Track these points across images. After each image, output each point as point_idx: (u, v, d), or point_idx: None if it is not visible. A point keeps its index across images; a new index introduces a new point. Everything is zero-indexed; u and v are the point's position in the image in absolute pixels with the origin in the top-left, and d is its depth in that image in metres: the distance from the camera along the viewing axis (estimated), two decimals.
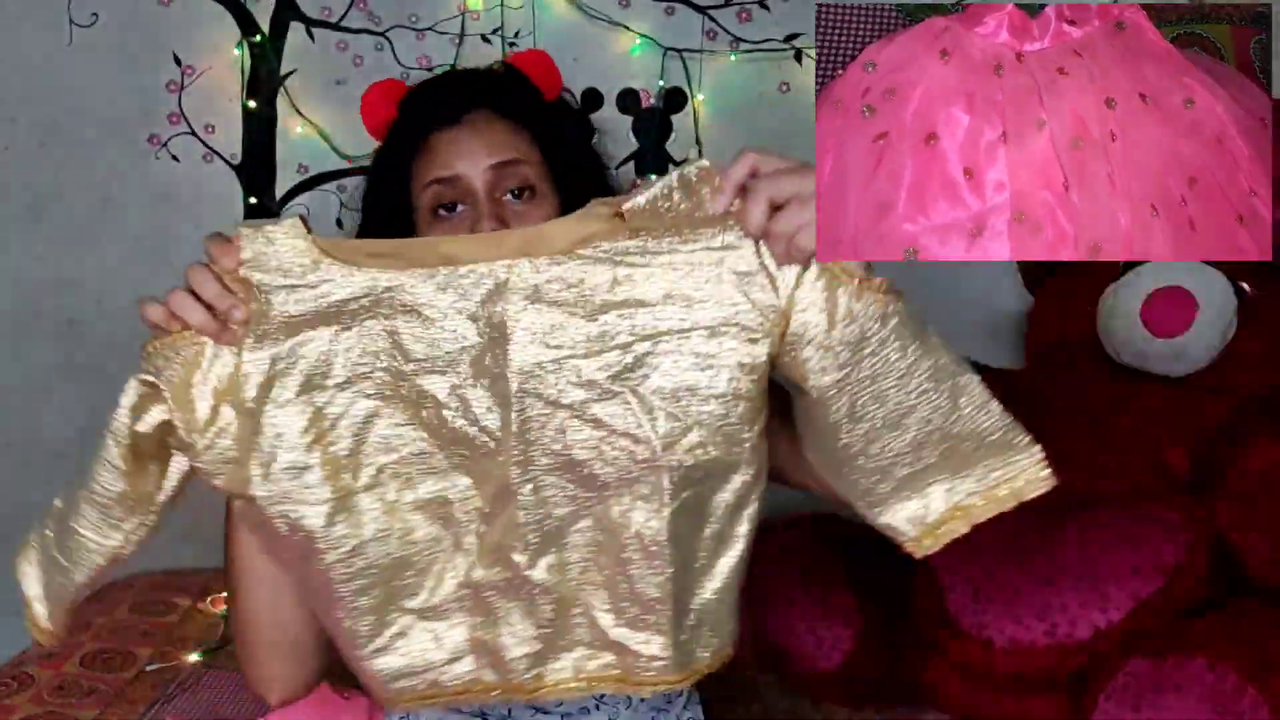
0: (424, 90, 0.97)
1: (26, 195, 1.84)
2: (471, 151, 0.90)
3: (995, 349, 1.88)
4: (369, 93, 0.99)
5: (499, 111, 0.92)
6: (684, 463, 0.71)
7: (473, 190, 0.89)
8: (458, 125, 0.91)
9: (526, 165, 0.90)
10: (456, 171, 0.89)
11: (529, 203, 0.90)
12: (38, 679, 1.41)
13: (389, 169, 0.96)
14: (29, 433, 1.89)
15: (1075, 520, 1.37)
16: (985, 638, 1.30)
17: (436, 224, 0.91)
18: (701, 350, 0.71)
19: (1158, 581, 1.26)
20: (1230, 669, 1.13)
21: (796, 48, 1.86)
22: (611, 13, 1.83)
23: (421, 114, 0.94)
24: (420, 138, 0.92)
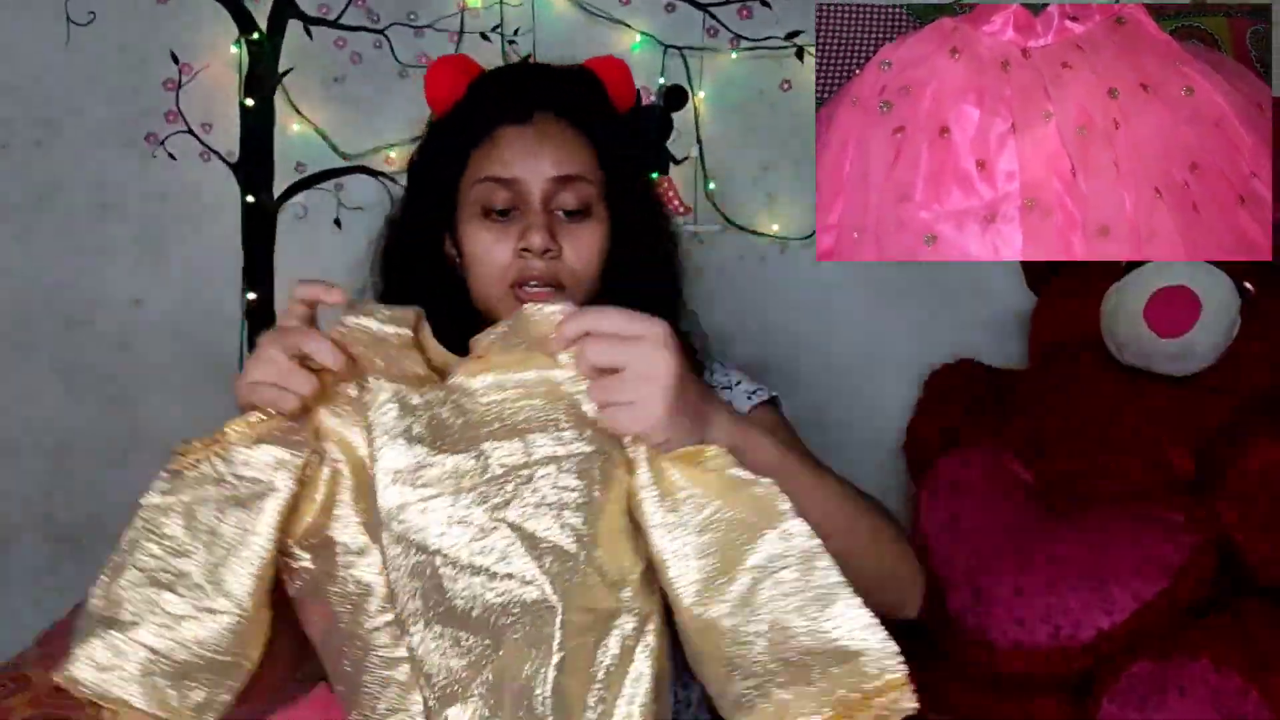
0: (497, 78, 0.93)
1: (23, 194, 1.84)
2: (536, 156, 0.86)
3: (999, 348, 1.87)
4: (439, 64, 0.95)
5: (571, 118, 0.89)
6: (571, 604, 0.63)
7: (528, 198, 0.86)
8: (527, 124, 0.88)
9: (589, 184, 0.87)
10: (516, 174, 0.86)
11: (581, 223, 0.87)
12: (35, 680, 1.40)
13: (445, 151, 0.92)
14: (26, 433, 1.89)
15: (1077, 521, 1.36)
16: (988, 639, 1.30)
17: (482, 225, 0.87)
18: (569, 484, 0.65)
19: (1161, 582, 1.26)
20: (1234, 670, 1.13)
21: (798, 45, 1.85)
22: (611, 10, 1.83)
23: (490, 103, 0.90)
24: (485, 129, 0.88)
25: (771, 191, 1.91)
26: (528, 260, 0.85)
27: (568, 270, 0.87)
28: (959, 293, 1.94)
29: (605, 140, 0.90)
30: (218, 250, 1.86)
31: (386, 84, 1.84)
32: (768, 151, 1.89)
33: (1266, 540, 1.29)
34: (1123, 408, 1.48)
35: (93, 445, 1.90)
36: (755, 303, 1.93)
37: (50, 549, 1.92)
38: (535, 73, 0.94)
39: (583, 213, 0.87)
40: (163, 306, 1.88)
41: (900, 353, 1.93)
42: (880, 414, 1.92)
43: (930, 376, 1.68)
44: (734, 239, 1.90)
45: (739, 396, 0.97)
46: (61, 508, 1.92)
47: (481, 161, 0.88)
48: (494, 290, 0.87)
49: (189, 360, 1.89)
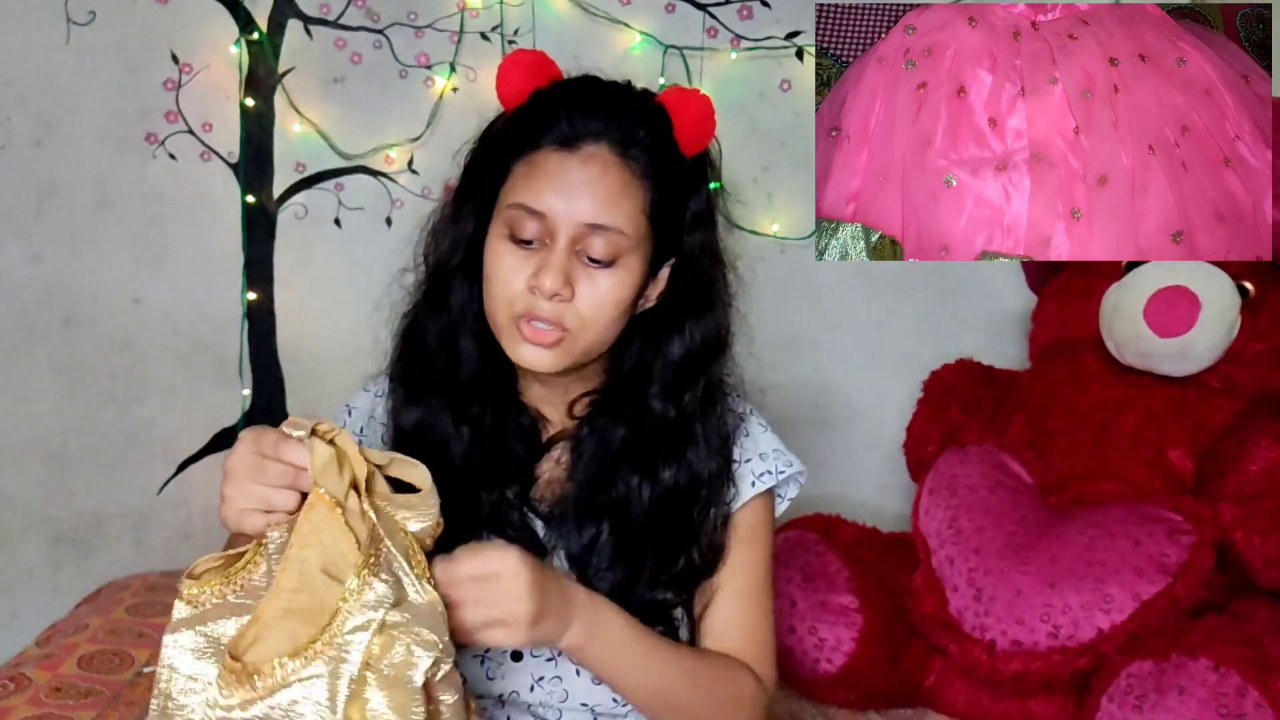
0: (559, 92, 0.87)
1: (23, 194, 1.84)
2: (573, 194, 0.82)
3: (998, 348, 1.88)
4: (512, 60, 0.87)
5: (623, 154, 0.83)
6: None
7: (555, 234, 0.82)
8: (573, 152, 0.83)
9: (622, 236, 0.83)
10: (547, 210, 0.82)
11: (603, 270, 0.83)
12: (35, 680, 1.40)
13: (494, 159, 0.87)
14: (26, 432, 1.89)
15: (1077, 521, 1.36)
16: (988, 639, 1.30)
17: (505, 247, 0.85)
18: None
19: (1160, 582, 1.26)
20: (1233, 670, 1.13)
21: (798, 45, 1.86)
22: (612, 10, 1.83)
23: (541, 119, 0.84)
24: (530, 145, 0.84)
25: (771, 191, 1.91)
26: (536, 298, 0.83)
27: (575, 314, 0.84)
28: (959, 292, 1.94)
29: (656, 186, 0.84)
30: (218, 250, 1.86)
31: (387, 84, 1.83)
32: (768, 151, 1.89)
33: (1267, 541, 1.29)
34: (1122, 408, 1.48)
35: (92, 445, 1.90)
36: (755, 302, 1.92)
37: (50, 549, 1.92)
38: (597, 94, 0.87)
39: (609, 263, 0.83)
40: (162, 306, 1.88)
41: (900, 353, 1.93)
42: (880, 414, 1.92)
43: (930, 376, 1.68)
44: (734, 239, 1.89)
45: (744, 478, 0.94)
46: (61, 507, 1.92)
47: (520, 181, 0.84)
48: (500, 315, 0.86)
49: (189, 360, 1.89)
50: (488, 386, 0.91)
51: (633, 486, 0.89)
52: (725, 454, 0.93)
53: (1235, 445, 1.38)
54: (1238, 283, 1.42)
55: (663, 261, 0.89)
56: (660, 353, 0.90)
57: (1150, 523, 1.32)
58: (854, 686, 1.37)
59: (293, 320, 1.88)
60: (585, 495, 0.90)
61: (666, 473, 0.89)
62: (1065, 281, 1.60)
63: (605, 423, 0.91)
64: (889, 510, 1.92)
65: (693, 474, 0.90)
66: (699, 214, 0.90)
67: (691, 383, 0.90)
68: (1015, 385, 1.65)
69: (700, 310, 0.91)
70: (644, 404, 0.90)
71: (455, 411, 0.90)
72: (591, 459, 0.90)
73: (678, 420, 0.90)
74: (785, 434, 0.98)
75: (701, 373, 0.91)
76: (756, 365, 2.13)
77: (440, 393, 0.91)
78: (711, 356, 0.92)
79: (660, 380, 0.90)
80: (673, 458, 0.89)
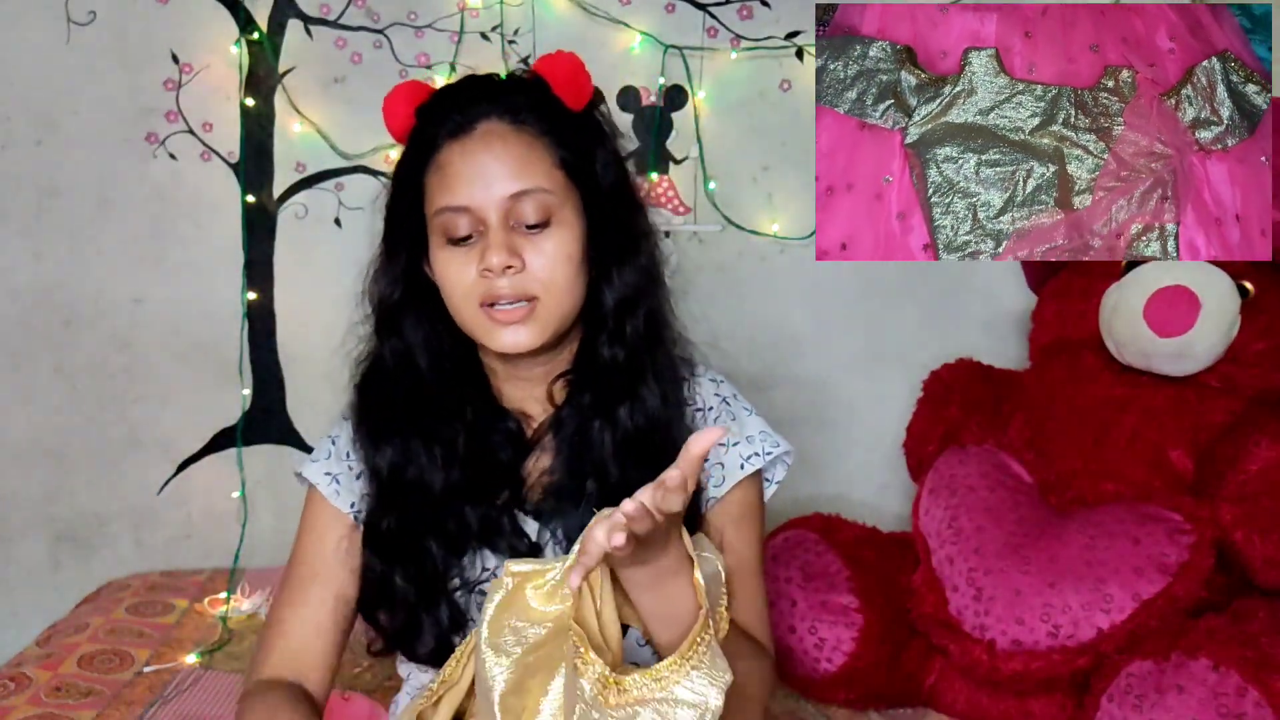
0: (438, 97, 0.91)
1: (24, 194, 1.84)
2: (484, 177, 0.84)
3: (998, 348, 1.88)
4: (390, 96, 0.92)
5: (515, 122, 0.86)
6: None
7: (486, 220, 0.85)
8: (469, 135, 0.85)
9: (546, 193, 0.85)
10: (468, 202, 0.85)
11: (543, 233, 0.85)
12: (35, 680, 1.40)
13: (405, 185, 0.90)
14: (26, 432, 1.89)
15: (1077, 521, 1.36)
16: (988, 639, 1.30)
17: (446, 251, 0.87)
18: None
19: (1160, 582, 1.26)
20: (1233, 669, 1.13)
21: (798, 45, 1.86)
22: (612, 10, 1.83)
23: (433, 123, 0.88)
24: (432, 151, 0.87)
25: (771, 191, 1.91)
26: (491, 280, 0.85)
27: (535, 281, 0.86)
28: (958, 293, 1.94)
29: (557, 138, 0.87)
30: (218, 250, 1.86)
31: (387, 84, 1.79)
32: (768, 151, 1.89)
33: (1266, 540, 1.29)
34: (1122, 408, 1.48)
35: (92, 445, 1.90)
36: (755, 302, 1.93)
37: (50, 549, 1.92)
38: (474, 83, 0.91)
39: (545, 223, 0.85)
40: (163, 306, 1.88)
41: (900, 353, 1.93)
42: (880, 414, 1.92)
43: (930, 376, 1.68)
44: (734, 239, 1.90)
45: (732, 462, 0.95)
46: (62, 507, 1.92)
47: (436, 190, 0.86)
48: (466, 313, 0.87)
49: (189, 359, 1.89)
50: (456, 405, 0.92)
51: (598, 436, 0.90)
52: (676, 388, 0.93)
53: (1235, 445, 1.38)
54: (1238, 282, 1.42)
55: (591, 212, 0.90)
56: (599, 304, 0.91)
57: (1150, 522, 1.32)
58: (854, 686, 1.37)
59: (293, 320, 1.89)
60: (573, 468, 0.91)
61: (623, 411, 0.90)
62: (1065, 281, 1.60)
63: (580, 396, 0.92)
64: (889, 510, 1.92)
65: (649, 414, 0.90)
66: (606, 163, 0.91)
67: (631, 318, 0.91)
68: (1015, 385, 1.65)
69: (624, 256, 0.91)
70: (595, 355, 0.91)
71: (426, 438, 0.91)
72: (575, 432, 0.91)
73: (628, 359, 0.91)
74: (785, 434, 0.98)
75: (638, 307, 0.91)
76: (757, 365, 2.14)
77: (408, 426, 0.91)
78: (645, 292, 0.92)
79: (605, 329, 0.91)
80: (627, 395, 0.90)
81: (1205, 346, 1.41)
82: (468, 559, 0.91)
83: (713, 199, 1.88)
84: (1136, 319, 1.42)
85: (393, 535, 0.90)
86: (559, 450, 0.92)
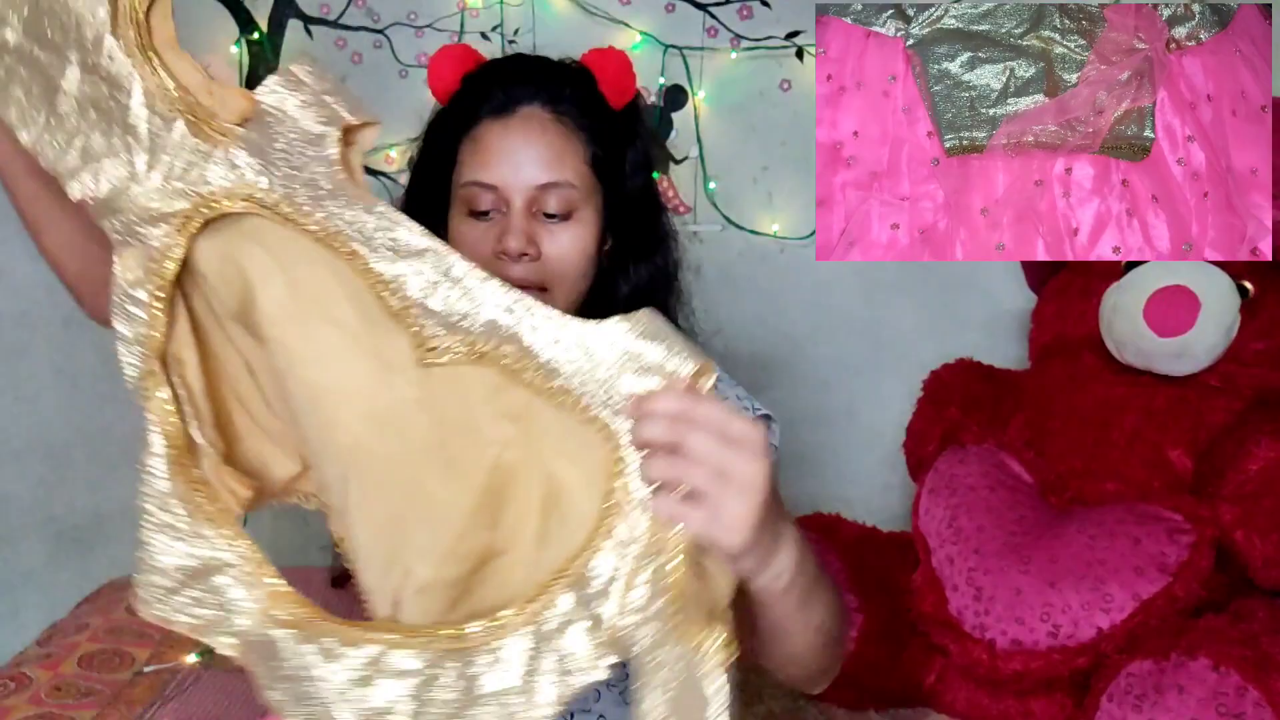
0: (486, 70, 0.91)
1: None
2: (516, 160, 0.85)
3: (998, 348, 1.88)
4: (438, 56, 0.92)
5: (556, 112, 0.87)
6: None
7: (510, 201, 0.86)
8: (510, 117, 0.86)
9: (572, 188, 0.86)
10: (497, 181, 0.86)
11: (563, 224, 0.87)
12: (35, 680, 1.40)
13: (437, 145, 0.92)
14: (26, 432, 1.89)
15: (1077, 520, 1.37)
16: (987, 639, 1.30)
17: (466, 223, 0.87)
18: None
19: (1160, 582, 1.26)
20: (1233, 669, 1.13)
21: (797, 45, 1.86)
22: (612, 10, 1.83)
23: (475, 96, 0.89)
24: (470, 122, 0.88)
25: (771, 191, 1.91)
26: (506, 263, 0.86)
27: (549, 271, 0.87)
28: (958, 293, 1.94)
29: (593, 135, 0.88)
30: None
31: (387, 84, 1.84)
32: (768, 151, 1.89)
33: (1266, 540, 1.29)
34: (1122, 407, 1.48)
35: (93, 445, 1.90)
36: (755, 302, 1.93)
37: (51, 549, 1.93)
38: (523, 64, 0.92)
39: (566, 215, 0.87)
40: None
41: (900, 352, 1.93)
42: (880, 413, 1.92)
43: (930, 376, 1.68)
44: (734, 239, 1.90)
45: None
46: (62, 507, 1.92)
47: (467, 161, 0.87)
48: None
49: None
50: None
51: None
52: None
53: (1235, 445, 1.38)
54: (1237, 282, 1.42)
55: (612, 210, 0.91)
56: (611, 295, 0.92)
57: (1150, 522, 1.32)
58: (854, 685, 1.38)
59: None
60: None
61: None
62: (1065, 281, 1.61)
63: None
64: (889, 510, 1.92)
65: None
66: (636, 163, 0.93)
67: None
68: (1015, 385, 1.65)
69: (643, 253, 0.93)
70: None
71: None
72: None
73: None
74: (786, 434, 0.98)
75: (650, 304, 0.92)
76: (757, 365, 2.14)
77: None
78: (659, 294, 0.94)
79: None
80: None
81: (1205, 346, 1.41)
82: None
83: (713, 199, 1.88)
84: (1136, 319, 1.42)
85: None
86: None
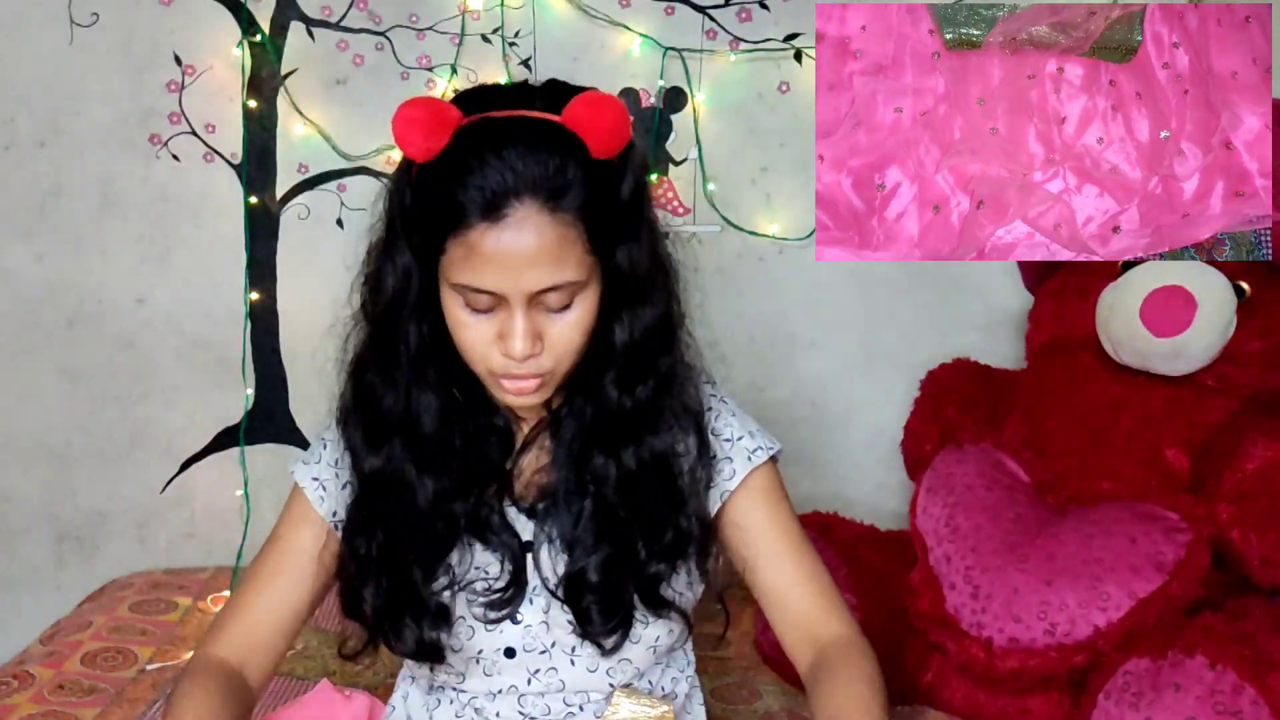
0: (468, 150, 0.81)
1: (27, 195, 1.85)
2: (514, 270, 0.80)
3: (995, 348, 1.88)
4: (404, 120, 0.80)
5: (552, 209, 0.80)
6: None
7: (508, 302, 0.82)
8: (503, 220, 0.79)
9: (574, 285, 0.82)
10: (493, 288, 0.81)
11: (565, 313, 0.84)
12: (38, 678, 1.41)
13: (422, 221, 0.84)
14: (29, 432, 1.90)
15: (1074, 519, 1.37)
16: (985, 637, 1.30)
17: (466, 317, 0.84)
18: None
19: (1157, 580, 1.26)
20: (1229, 667, 1.13)
21: (797, 48, 1.86)
22: (611, 12, 1.83)
23: (463, 185, 0.80)
24: (458, 219, 0.80)
25: (770, 192, 1.91)
26: (509, 361, 0.83)
27: (553, 356, 0.85)
28: (956, 293, 1.95)
29: (590, 215, 0.81)
30: (220, 251, 1.87)
31: (388, 86, 1.84)
32: (766, 153, 1.90)
33: (1263, 539, 1.30)
34: (1119, 407, 1.49)
35: (95, 444, 1.91)
36: (754, 303, 1.94)
37: (53, 548, 1.93)
38: (508, 148, 0.80)
39: (568, 304, 0.84)
40: (166, 306, 1.89)
41: (898, 352, 1.93)
42: (878, 413, 1.92)
43: (928, 376, 1.69)
44: (733, 239, 1.91)
45: (739, 456, 0.97)
46: (64, 507, 1.92)
47: (459, 262, 0.81)
48: (475, 368, 0.87)
49: (192, 360, 1.90)
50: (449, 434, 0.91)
51: (600, 466, 0.90)
52: (699, 427, 0.94)
53: (1231, 444, 1.39)
54: (1234, 282, 1.42)
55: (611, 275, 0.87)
56: (609, 339, 0.89)
57: (1147, 521, 1.32)
58: None
59: (295, 320, 1.89)
60: (571, 474, 0.91)
61: (627, 455, 0.90)
62: (1061, 281, 1.61)
63: (580, 401, 0.92)
64: (887, 508, 1.93)
65: (655, 452, 0.91)
66: (628, 212, 0.86)
67: (644, 374, 0.90)
68: (1012, 384, 1.66)
69: (636, 300, 0.89)
70: (601, 387, 0.90)
71: (419, 463, 0.90)
72: (574, 438, 0.92)
73: (634, 410, 0.90)
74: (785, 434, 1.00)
75: (651, 363, 0.90)
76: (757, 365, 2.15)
77: (401, 443, 0.90)
78: (658, 346, 0.91)
79: (613, 366, 0.90)
80: (632, 442, 0.90)
81: (1201, 346, 1.41)
82: (456, 556, 0.91)
83: (712, 200, 1.89)
84: (1133, 319, 1.42)
85: (373, 550, 0.91)
86: (557, 450, 0.93)
